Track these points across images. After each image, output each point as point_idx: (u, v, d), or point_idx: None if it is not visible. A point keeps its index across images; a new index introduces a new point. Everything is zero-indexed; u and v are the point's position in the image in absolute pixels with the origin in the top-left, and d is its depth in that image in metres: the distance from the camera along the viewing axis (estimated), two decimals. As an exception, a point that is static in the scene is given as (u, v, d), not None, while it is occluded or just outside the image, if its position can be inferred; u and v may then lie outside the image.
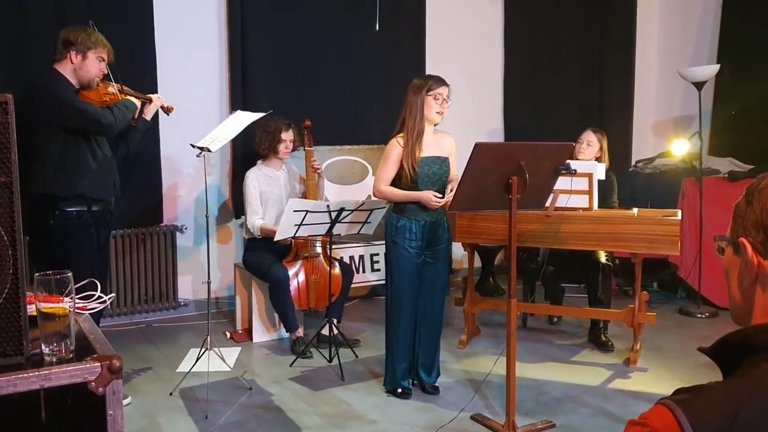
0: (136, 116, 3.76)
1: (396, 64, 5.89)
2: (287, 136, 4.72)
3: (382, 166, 3.75)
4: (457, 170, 3.78)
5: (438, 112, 3.66)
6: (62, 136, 3.47)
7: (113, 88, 3.67)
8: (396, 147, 3.68)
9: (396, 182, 3.73)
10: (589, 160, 4.60)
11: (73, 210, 3.53)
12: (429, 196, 3.64)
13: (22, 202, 3.39)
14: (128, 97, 3.71)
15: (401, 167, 3.67)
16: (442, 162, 3.72)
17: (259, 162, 4.84)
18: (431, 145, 3.70)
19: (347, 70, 5.75)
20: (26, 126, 3.29)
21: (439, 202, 3.66)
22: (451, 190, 3.74)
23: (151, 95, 3.87)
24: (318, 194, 4.83)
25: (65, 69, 3.52)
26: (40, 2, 4.52)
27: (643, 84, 7.07)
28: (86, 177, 3.55)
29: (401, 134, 3.68)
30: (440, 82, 3.67)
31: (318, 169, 4.81)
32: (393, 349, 3.85)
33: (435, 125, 3.75)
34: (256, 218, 4.66)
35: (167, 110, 3.95)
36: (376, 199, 3.95)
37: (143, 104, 3.80)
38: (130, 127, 3.76)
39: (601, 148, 4.70)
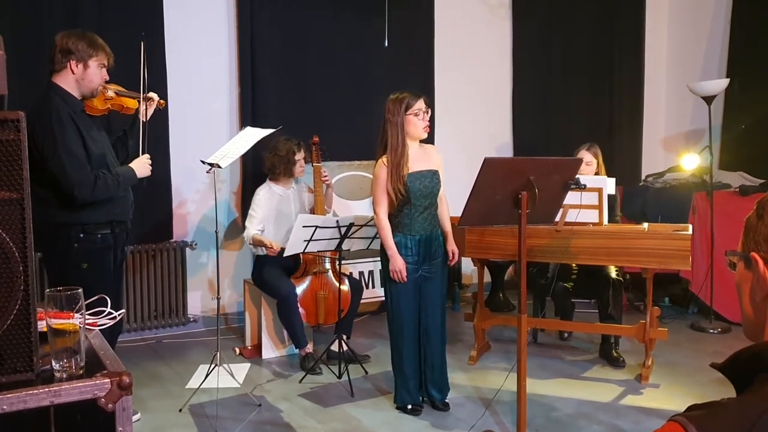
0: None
1: (405, 80, 5.87)
2: (300, 155, 4.76)
3: (375, 189, 3.74)
4: (444, 184, 3.82)
5: (424, 128, 3.68)
6: None
7: (111, 91, 3.54)
8: (383, 168, 3.68)
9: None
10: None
11: (98, 233, 3.42)
12: (398, 266, 3.65)
13: (41, 223, 3.37)
14: (130, 167, 3.53)
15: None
16: (433, 175, 3.73)
17: (268, 180, 4.85)
18: (419, 160, 3.71)
19: (357, 85, 5.77)
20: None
21: (402, 280, 3.67)
22: (453, 255, 3.87)
23: (150, 94, 3.69)
24: (327, 202, 4.85)
25: (66, 81, 3.34)
26: (51, 17, 4.57)
27: (653, 98, 7.06)
28: (113, 202, 3.46)
29: (386, 155, 3.69)
30: (415, 96, 3.67)
31: (326, 179, 4.82)
32: (400, 367, 3.84)
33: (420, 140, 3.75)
34: (254, 230, 4.63)
35: (159, 105, 3.79)
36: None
37: (136, 111, 3.66)
38: (125, 134, 3.69)
39: (597, 164, 4.67)
